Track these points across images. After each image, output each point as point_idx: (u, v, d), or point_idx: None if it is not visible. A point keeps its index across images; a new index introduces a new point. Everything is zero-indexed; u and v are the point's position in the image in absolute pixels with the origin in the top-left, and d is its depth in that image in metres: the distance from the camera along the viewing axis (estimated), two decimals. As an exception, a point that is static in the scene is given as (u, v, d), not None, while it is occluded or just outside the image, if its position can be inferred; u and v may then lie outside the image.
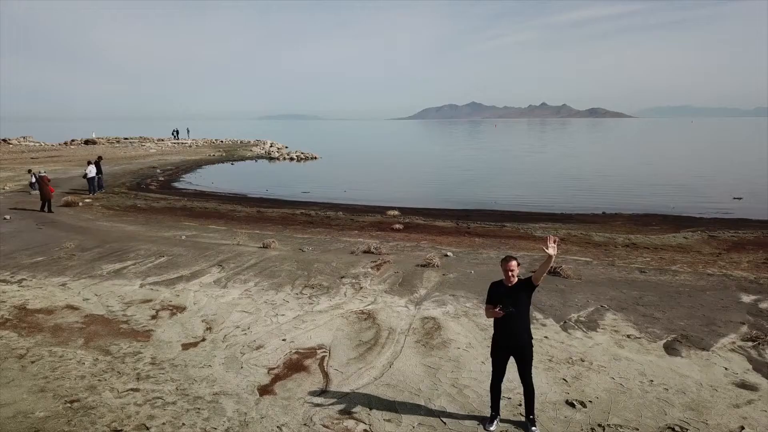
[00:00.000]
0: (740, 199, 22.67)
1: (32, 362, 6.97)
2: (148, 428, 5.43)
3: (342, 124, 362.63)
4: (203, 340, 7.68)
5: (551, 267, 10.29)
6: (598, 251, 13.28)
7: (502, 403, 5.67)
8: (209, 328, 8.08)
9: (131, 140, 70.24)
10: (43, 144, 60.78)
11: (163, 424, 5.51)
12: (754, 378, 6.44)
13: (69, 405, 5.90)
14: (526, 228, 16.53)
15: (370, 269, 11.13)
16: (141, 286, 10.20)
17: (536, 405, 5.57)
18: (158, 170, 34.64)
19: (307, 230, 16.31)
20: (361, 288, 9.94)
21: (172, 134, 76.00)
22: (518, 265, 5.36)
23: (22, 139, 62.60)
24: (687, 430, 5.33)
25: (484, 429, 5.39)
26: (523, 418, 5.50)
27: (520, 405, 5.69)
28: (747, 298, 9.31)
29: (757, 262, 12.04)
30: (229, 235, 15.00)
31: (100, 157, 25.71)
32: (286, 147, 63.06)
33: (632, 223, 17.56)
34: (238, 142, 71.72)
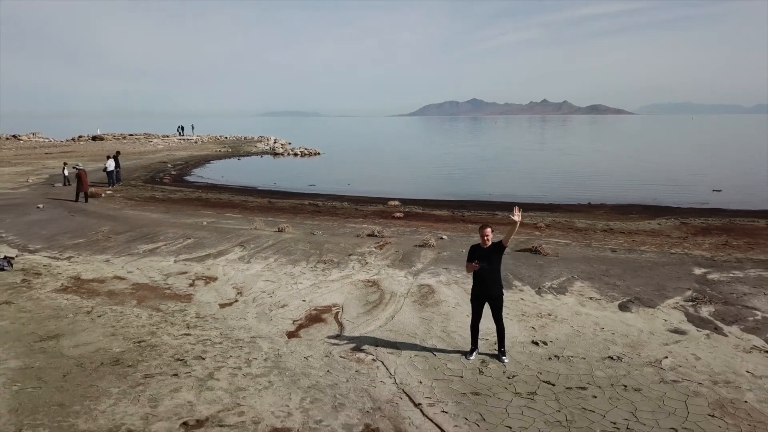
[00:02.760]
0: (720, 191, 24.16)
1: (99, 316, 8.50)
2: (203, 358, 6.96)
3: (342, 120, 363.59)
4: (236, 301, 9.21)
5: (533, 246, 11.88)
6: (578, 235, 14.80)
7: (480, 342, 7.19)
8: (240, 293, 9.62)
9: (137, 137, 71.74)
10: (52, 140, 62.27)
11: (215, 356, 7.03)
12: (685, 326, 7.96)
13: (137, 344, 7.43)
14: (515, 216, 18.05)
15: (374, 249, 12.66)
16: (175, 261, 11.74)
17: (507, 344, 7.10)
18: (169, 165, 36.14)
19: (316, 218, 17.83)
20: (367, 263, 11.47)
21: (177, 131, 77.46)
22: (492, 231, 6.84)
23: (31, 135, 64.14)
24: (622, 358, 6.86)
25: (466, 359, 6.92)
26: (496, 352, 7.02)
27: (495, 344, 7.19)
28: (698, 271, 10.83)
29: (717, 244, 13.55)
30: (246, 221, 16.53)
31: (118, 152, 27.21)
32: (290, 143, 64.53)
33: (614, 212, 19.08)
34: (243, 138, 73.20)
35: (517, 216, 6.55)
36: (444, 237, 14.10)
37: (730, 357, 6.96)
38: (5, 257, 11.36)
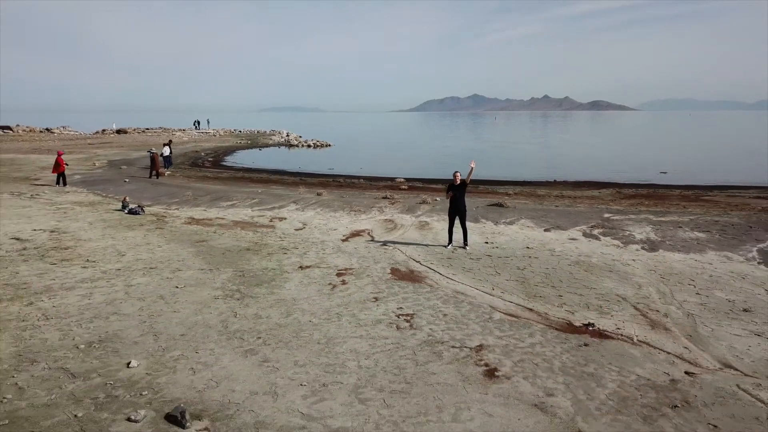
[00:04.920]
0: (665, 173, 29.37)
1: (222, 233, 13.81)
2: (296, 248, 12.25)
3: (344, 116, 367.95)
4: (304, 228, 14.52)
5: (499, 202, 17.18)
6: (536, 198, 20.07)
7: (453, 243, 12.47)
8: (305, 224, 14.93)
9: (154, 130, 77.00)
10: (82, 133, 67.53)
11: (303, 247, 12.33)
12: (579, 237, 13.26)
13: (255, 243, 12.74)
14: (493, 189, 23.33)
15: (387, 204, 17.96)
16: (252, 210, 17.05)
17: (469, 241, 12.38)
18: (202, 153, 41.40)
19: (341, 189, 23.13)
20: (384, 211, 16.77)
21: (194, 125, 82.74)
22: (459, 174, 12.12)
23: (62, 128, 69.42)
24: (534, 248, 12.16)
25: (445, 248, 12.22)
26: (462, 245, 12.30)
27: (462, 242, 12.44)
28: (607, 215, 16.11)
29: (633, 203, 18.82)
30: (290, 190, 21.84)
31: (170, 141, 32.45)
32: (300, 136, 69.70)
33: (571, 186, 24.33)
34: (256, 132, 78.37)
35: (473, 164, 11.87)
36: (437, 199, 19.38)
37: (595, 248, 12.28)
38: (138, 205, 16.68)
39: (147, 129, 79.50)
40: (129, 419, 5.41)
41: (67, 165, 22.55)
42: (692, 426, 5.34)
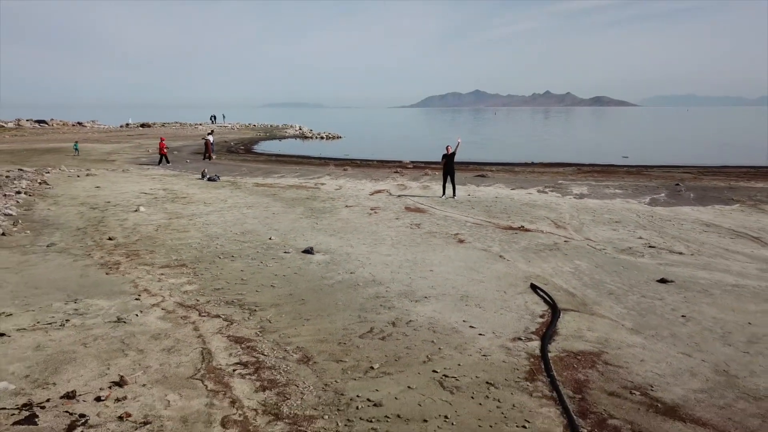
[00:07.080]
0: (627, 157, 35.11)
1: (284, 191, 19.64)
2: (340, 198, 18.10)
3: (346, 111, 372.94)
4: (340, 189, 20.37)
5: (482, 174, 23.30)
6: (512, 173, 25.90)
7: (446, 195, 18.29)
8: (340, 187, 20.78)
9: (172, 125, 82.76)
10: (110, 127, 73.39)
11: (344, 197, 18.18)
12: (533, 192, 19.10)
13: (311, 195, 18.58)
14: (480, 167, 29.13)
15: (398, 176, 23.81)
16: (298, 179, 22.91)
17: (457, 195, 18.21)
18: (231, 143, 47.14)
19: (360, 167, 28.96)
20: (396, 180, 22.62)
21: (210, 119, 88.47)
22: (450, 147, 17.93)
23: (92, 122, 75.33)
24: (501, 198, 18.00)
25: (439, 198, 18.06)
26: (452, 196, 18.11)
27: (452, 194, 18.23)
28: (560, 182, 21.93)
29: (586, 175, 24.62)
30: (321, 168, 27.69)
31: (212, 131, 38.24)
32: (312, 129, 75.40)
33: (543, 165, 30.11)
34: (269, 125, 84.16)
35: (459, 139, 17.73)
36: (437, 173, 25.17)
37: (542, 197, 18.10)
38: (215, 174, 22.51)
39: (165, 123, 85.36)
40: (285, 252, 11.26)
41: (167, 149, 28.91)
42: (555, 255, 11.16)
